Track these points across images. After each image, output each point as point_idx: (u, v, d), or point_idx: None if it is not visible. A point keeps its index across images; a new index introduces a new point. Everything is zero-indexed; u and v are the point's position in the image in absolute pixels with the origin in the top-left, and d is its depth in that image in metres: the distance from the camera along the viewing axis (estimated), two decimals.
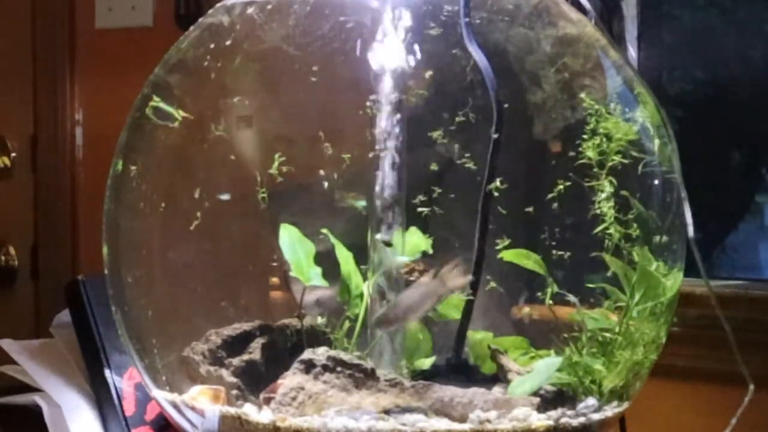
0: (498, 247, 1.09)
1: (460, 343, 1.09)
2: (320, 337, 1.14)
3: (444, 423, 1.02)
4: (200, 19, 1.21)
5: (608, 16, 1.55)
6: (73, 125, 2.26)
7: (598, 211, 1.09)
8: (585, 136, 1.10)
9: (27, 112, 2.31)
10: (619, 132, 1.10)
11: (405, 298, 1.07)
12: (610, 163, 1.09)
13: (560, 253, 1.10)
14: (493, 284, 1.10)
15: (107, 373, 1.31)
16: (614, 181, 1.09)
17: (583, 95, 1.12)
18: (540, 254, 1.10)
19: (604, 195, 1.09)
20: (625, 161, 1.10)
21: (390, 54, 1.11)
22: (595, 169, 1.09)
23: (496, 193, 1.06)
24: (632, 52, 1.64)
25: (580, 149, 1.09)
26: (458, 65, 1.10)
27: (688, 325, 1.45)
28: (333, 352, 1.07)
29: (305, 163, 1.12)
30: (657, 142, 1.15)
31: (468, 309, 1.08)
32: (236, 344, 1.14)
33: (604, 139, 1.10)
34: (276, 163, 1.09)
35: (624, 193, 1.10)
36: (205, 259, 1.14)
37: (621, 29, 1.60)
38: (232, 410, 1.05)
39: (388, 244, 1.11)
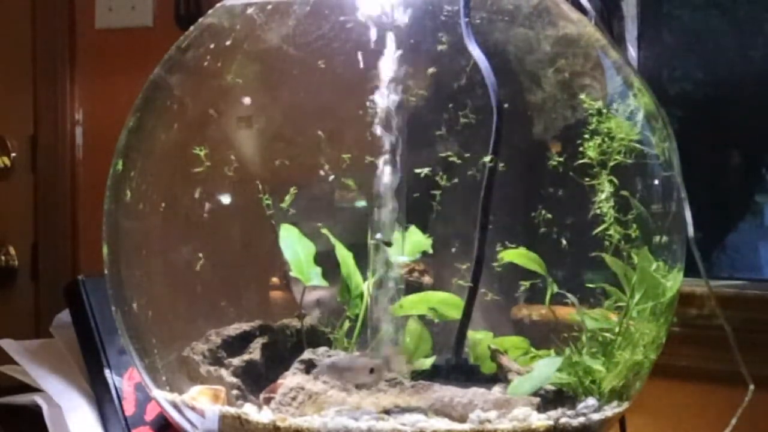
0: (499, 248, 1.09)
1: (460, 343, 1.08)
2: (320, 337, 1.14)
3: (444, 423, 1.02)
4: (200, 19, 1.21)
5: (608, 16, 1.55)
6: (73, 125, 2.26)
7: (598, 211, 1.09)
8: (586, 136, 1.10)
9: (27, 112, 2.31)
10: (622, 131, 1.10)
11: (343, 362, 1.06)
12: (612, 163, 1.09)
13: (560, 252, 1.11)
14: (489, 296, 1.10)
15: (107, 373, 1.31)
16: (615, 180, 1.09)
17: (583, 96, 1.12)
18: (540, 254, 1.10)
19: (604, 195, 1.09)
20: (627, 161, 1.10)
21: (390, 54, 1.11)
22: (596, 169, 1.09)
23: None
24: (632, 52, 1.64)
25: (580, 149, 1.09)
26: (458, 64, 1.10)
27: (688, 325, 1.45)
28: (333, 352, 1.07)
29: (305, 162, 1.12)
30: (655, 140, 1.15)
31: (468, 309, 1.08)
32: (236, 344, 1.14)
33: (606, 139, 1.10)
34: (290, 196, 1.10)
35: (624, 193, 1.10)
36: (205, 259, 1.14)
37: (621, 29, 1.60)
38: (232, 410, 1.05)
39: (388, 244, 1.11)
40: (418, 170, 1.11)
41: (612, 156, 1.09)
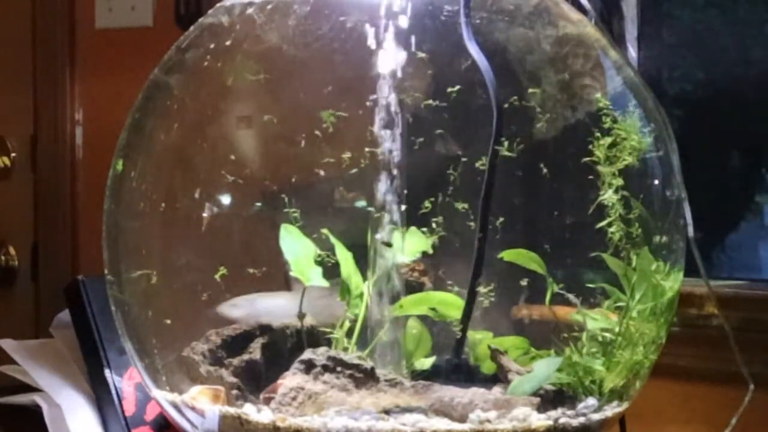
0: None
1: (460, 343, 1.09)
2: (320, 337, 1.14)
3: (444, 423, 1.02)
4: (200, 19, 1.21)
5: (608, 16, 1.55)
6: (73, 125, 2.26)
7: (604, 203, 1.09)
8: (598, 134, 1.10)
9: (27, 112, 2.31)
10: (633, 132, 1.10)
11: None
12: (620, 164, 1.09)
13: (560, 252, 1.11)
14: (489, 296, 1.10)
15: (107, 373, 1.31)
16: (620, 180, 1.09)
17: (599, 95, 1.12)
18: (540, 254, 1.10)
19: (607, 194, 1.09)
20: (636, 163, 1.10)
21: (390, 53, 1.11)
22: (601, 169, 1.09)
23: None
24: (632, 52, 1.64)
25: (587, 148, 1.09)
26: (458, 64, 1.10)
27: (688, 325, 1.45)
28: (333, 352, 1.07)
29: (305, 163, 1.12)
30: (652, 140, 1.15)
31: (468, 309, 1.08)
32: (236, 344, 1.14)
33: (618, 138, 1.10)
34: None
35: (625, 193, 1.10)
36: (205, 259, 1.14)
37: (621, 29, 1.60)
38: (232, 410, 1.05)
39: (388, 244, 1.11)
40: (418, 170, 1.11)
41: (623, 155, 1.09)
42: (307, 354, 1.07)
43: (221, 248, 1.15)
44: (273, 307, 1.15)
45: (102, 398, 1.32)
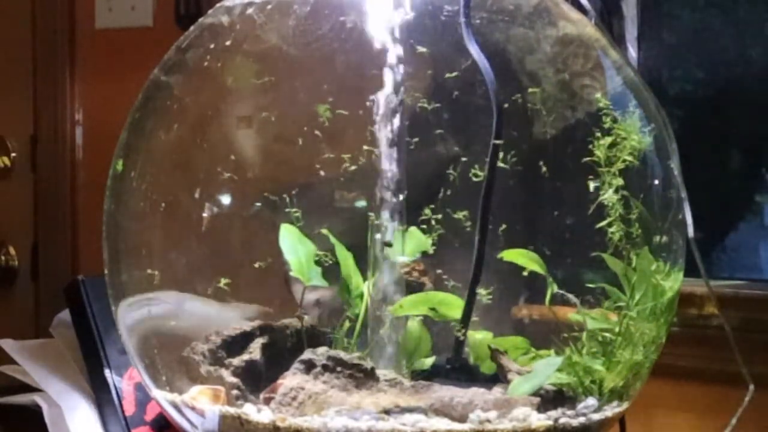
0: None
1: (460, 343, 1.09)
2: (320, 337, 1.14)
3: (444, 423, 1.02)
4: (200, 20, 1.21)
5: (608, 16, 1.55)
6: (73, 125, 2.26)
7: (604, 203, 1.09)
8: (598, 134, 1.10)
9: (27, 112, 2.31)
10: (633, 132, 1.10)
11: None
12: (620, 163, 1.09)
13: (560, 252, 1.11)
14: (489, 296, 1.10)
15: (107, 373, 1.31)
16: (620, 180, 1.09)
17: (599, 95, 1.12)
18: (540, 254, 1.10)
19: (607, 194, 1.09)
20: (636, 162, 1.10)
21: (390, 53, 1.11)
22: (601, 168, 1.09)
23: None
24: (632, 52, 1.64)
25: (588, 148, 1.09)
26: (458, 64, 1.10)
27: (688, 325, 1.45)
28: (333, 352, 1.07)
29: (305, 163, 1.12)
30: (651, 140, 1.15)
31: (468, 309, 1.08)
32: (236, 344, 1.14)
33: (618, 138, 1.10)
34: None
35: (625, 193, 1.10)
36: (205, 259, 1.14)
37: (621, 29, 1.60)
38: (232, 410, 1.05)
39: (389, 244, 1.11)
40: (418, 170, 1.11)
41: (622, 156, 1.09)
42: (307, 354, 1.07)
43: (221, 248, 1.15)
44: (198, 315, 1.14)
45: (102, 398, 1.32)
